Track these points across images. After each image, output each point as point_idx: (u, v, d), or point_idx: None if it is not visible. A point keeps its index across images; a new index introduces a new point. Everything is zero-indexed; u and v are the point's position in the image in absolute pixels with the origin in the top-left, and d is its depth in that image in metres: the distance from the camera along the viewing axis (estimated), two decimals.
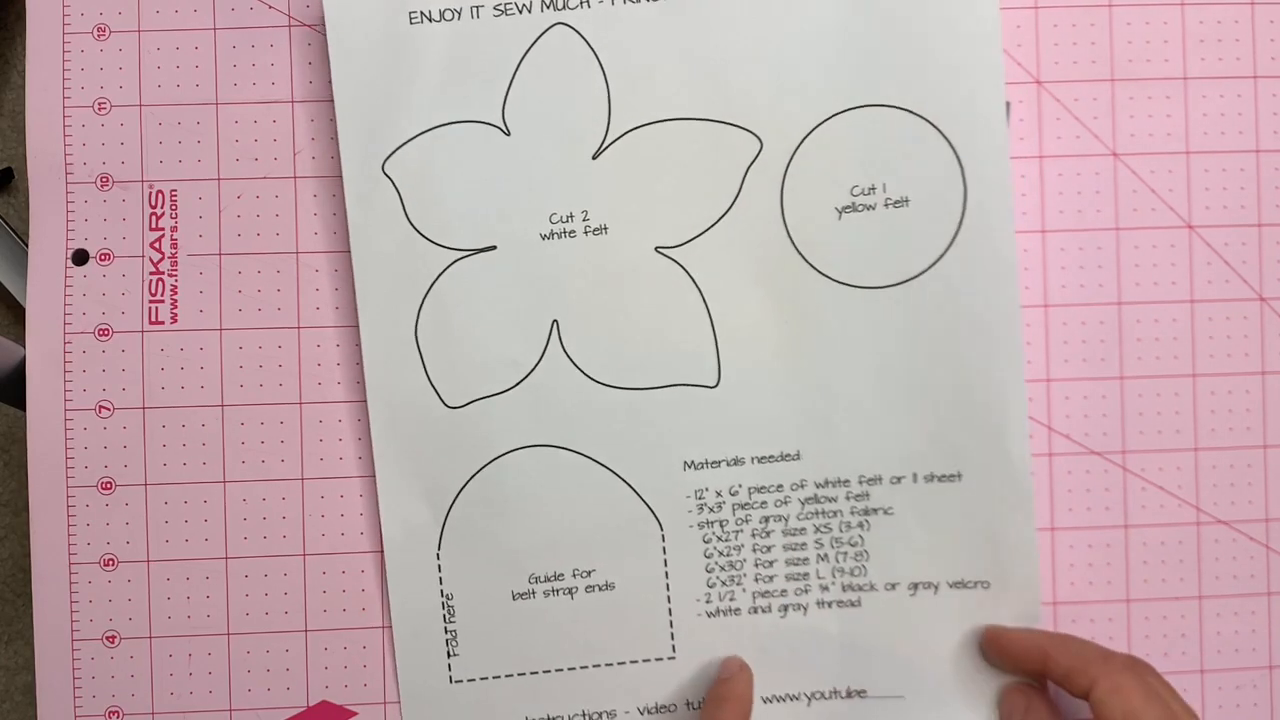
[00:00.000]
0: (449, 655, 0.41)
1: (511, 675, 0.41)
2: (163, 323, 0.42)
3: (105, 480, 0.42)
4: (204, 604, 0.42)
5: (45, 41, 0.43)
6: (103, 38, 0.43)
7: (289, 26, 0.43)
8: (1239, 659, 0.43)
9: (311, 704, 0.42)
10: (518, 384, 0.41)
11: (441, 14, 0.40)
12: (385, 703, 0.42)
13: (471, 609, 0.41)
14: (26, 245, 0.44)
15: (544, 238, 0.40)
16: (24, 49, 0.43)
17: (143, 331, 0.42)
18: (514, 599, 0.41)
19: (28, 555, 0.42)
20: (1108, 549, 0.42)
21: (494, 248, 0.40)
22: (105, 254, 0.42)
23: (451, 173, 0.41)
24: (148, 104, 0.43)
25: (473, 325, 0.41)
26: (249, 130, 0.43)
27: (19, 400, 0.43)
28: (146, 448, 0.42)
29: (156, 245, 0.43)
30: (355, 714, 0.42)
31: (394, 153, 0.41)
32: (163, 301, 0.42)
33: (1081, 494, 0.42)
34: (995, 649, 0.40)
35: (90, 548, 0.42)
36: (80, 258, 0.42)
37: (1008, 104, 0.43)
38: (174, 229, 0.43)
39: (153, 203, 0.43)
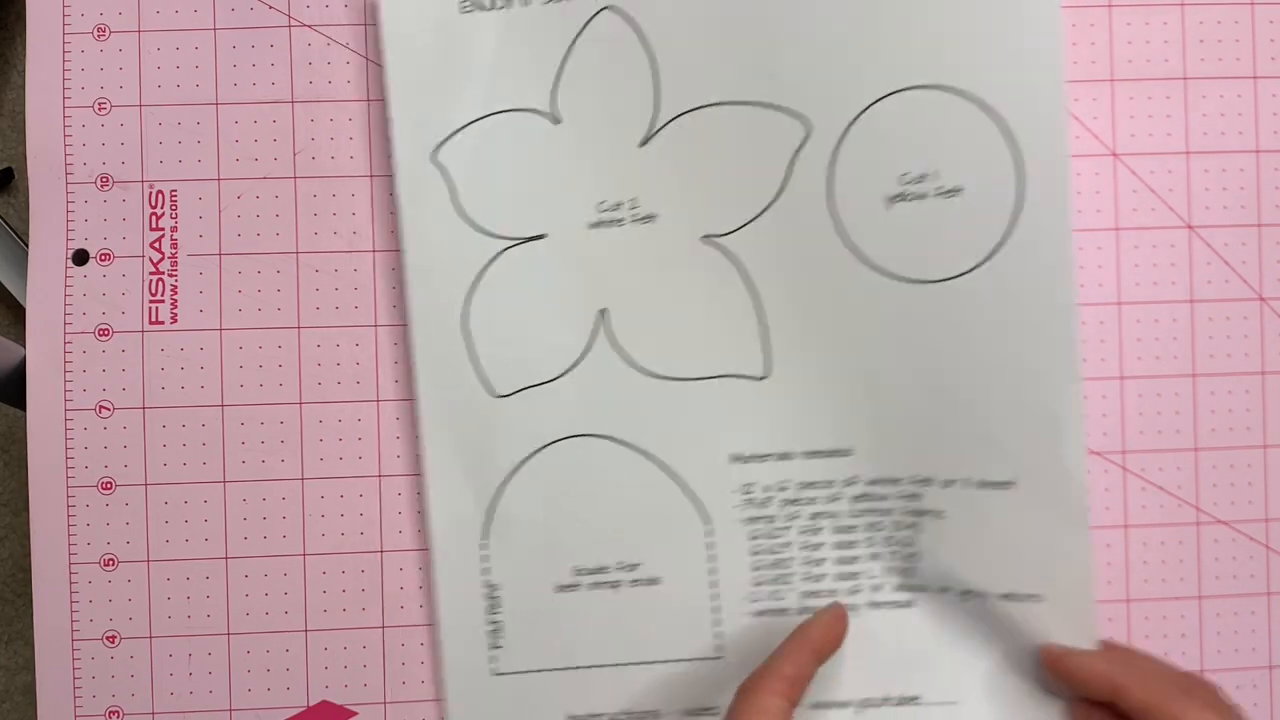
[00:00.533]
0: (492, 648, 0.41)
1: (555, 670, 0.41)
2: (163, 323, 0.42)
3: (105, 480, 0.42)
4: (204, 604, 0.42)
5: (45, 41, 0.43)
6: (103, 38, 0.43)
7: (289, 26, 0.43)
8: (1239, 659, 0.43)
9: (311, 704, 0.42)
10: (565, 373, 0.40)
11: (493, 2, 0.40)
12: (385, 703, 0.42)
13: (515, 601, 0.41)
14: (26, 245, 0.44)
15: (592, 226, 0.40)
16: (24, 49, 0.43)
17: (143, 331, 0.42)
18: (558, 591, 0.41)
19: (28, 555, 0.42)
20: (1108, 549, 0.42)
21: (543, 236, 0.40)
22: (105, 254, 0.42)
23: (501, 162, 0.40)
24: (148, 104, 0.43)
25: (521, 314, 0.41)
26: (249, 130, 0.43)
27: (19, 400, 0.43)
28: (146, 448, 0.42)
29: (156, 245, 0.43)
30: (355, 714, 0.42)
31: (445, 142, 0.40)
32: (163, 301, 0.42)
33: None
34: (1057, 672, 0.38)
35: (90, 548, 0.42)
36: (80, 258, 0.42)
37: None
38: (174, 229, 0.43)
39: (153, 203, 0.43)
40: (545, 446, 0.41)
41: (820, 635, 0.37)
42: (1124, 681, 0.35)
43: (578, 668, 0.41)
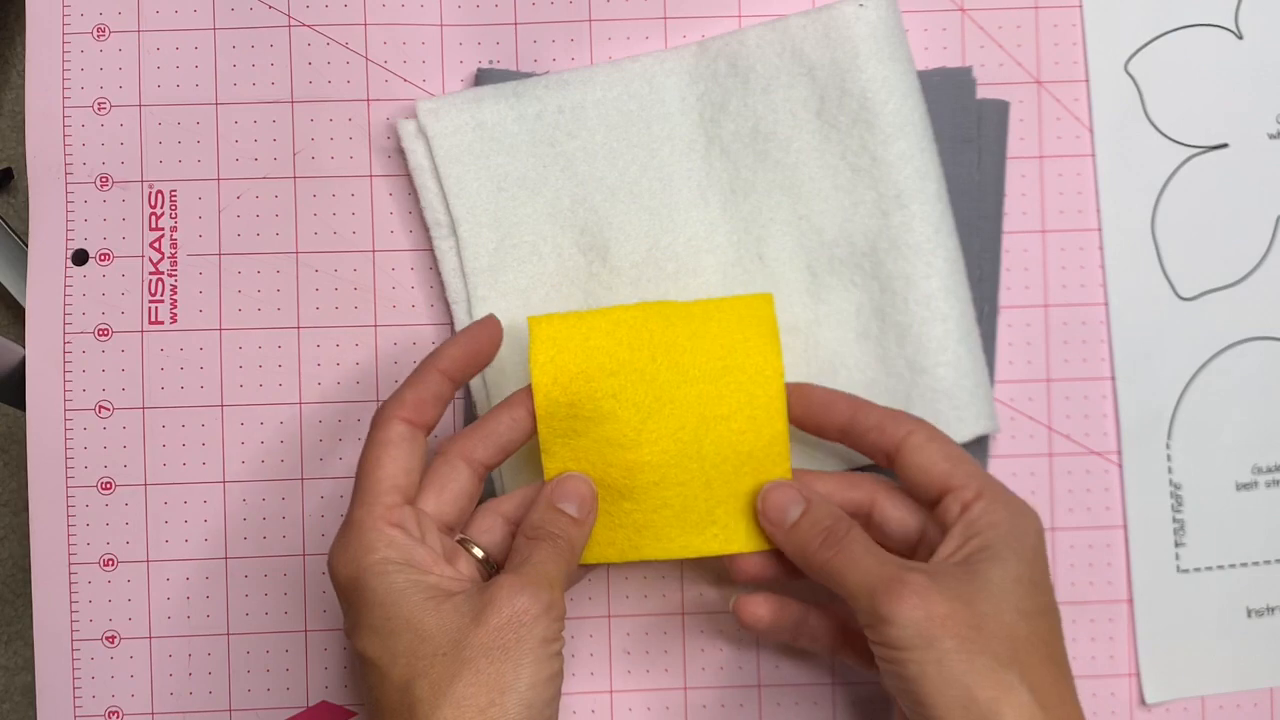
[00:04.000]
0: (1177, 545, 0.42)
1: (1234, 565, 0.42)
2: (162, 323, 0.42)
3: (105, 480, 0.42)
4: (204, 604, 0.42)
5: (45, 41, 0.43)
6: (103, 38, 0.43)
7: (289, 26, 0.43)
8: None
9: (311, 704, 0.42)
10: (1246, 277, 0.42)
11: None
12: None
13: (1198, 499, 0.42)
14: (26, 245, 0.44)
15: (1272, 137, 0.42)
16: (24, 49, 0.43)
17: (142, 331, 0.42)
18: (1238, 489, 0.42)
19: (28, 555, 0.42)
20: (1108, 549, 0.42)
21: (1225, 146, 0.42)
22: (105, 254, 0.42)
23: (1186, 74, 0.42)
24: (148, 104, 0.43)
25: (1204, 219, 0.42)
26: (249, 130, 0.43)
27: (19, 400, 0.43)
28: (146, 448, 0.42)
29: (156, 245, 0.43)
30: (355, 714, 0.42)
31: (1136, 53, 0.42)
32: (162, 301, 0.42)
33: (1082, 494, 0.42)
34: (800, 407, 0.38)
35: (90, 548, 0.42)
36: (80, 258, 0.42)
37: (1007, 104, 0.43)
38: (174, 229, 0.43)
39: (152, 203, 0.43)
40: (1227, 348, 0.42)
41: (452, 354, 0.36)
42: (857, 406, 0.37)
43: (1255, 563, 0.42)
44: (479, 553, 0.36)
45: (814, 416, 0.37)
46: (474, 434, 0.37)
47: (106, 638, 0.42)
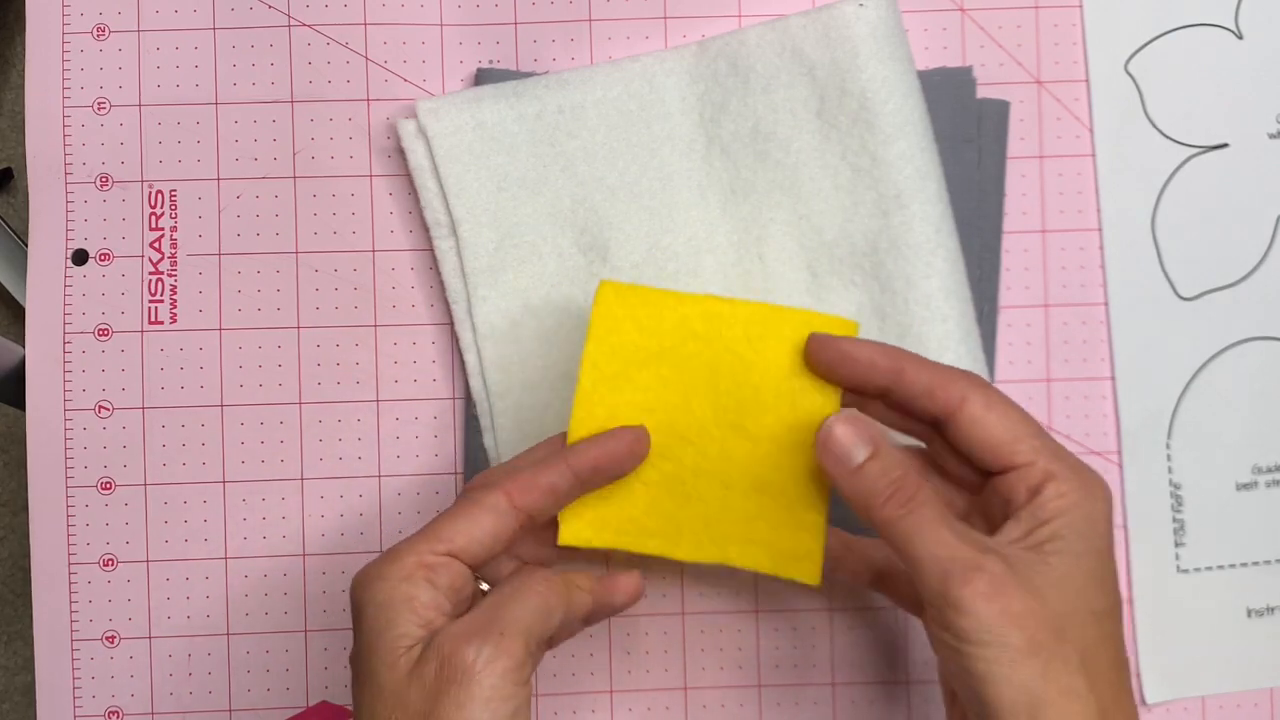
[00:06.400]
0: (1177, 545, 0.42)
1: (1234, 565, 0.42)
2: (162, 323, 0.42)
3: (105, 480, 0.42)
4: (204, 604, 0.42)
5: (45, 41, 0.43)
6: (102, 38, 0.43)
7: (289, 26, 0.43)
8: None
9: (311, 704, 0.42)
10: (1246, 277, 0.42)
11: None
12: None
13: (1197, 499, 0.42)
14: (26, 245, 0.44)
15: (1272, 137, 0.42)
16: (24, 49, 0.43)
17: (142, 331, 0.42)
18: (1238, 489, 0.42)
19: (28, 555, 0.42)
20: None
21: (1225, 145, 0.42)
22: (105, 254, 0.42)
23: (1186, 74, 0.42)
24: (147, 104, 0.43)
25: (1204, 219, 0.42)
26: (249, 130, 0.43)
27: (19, 400, 0.43)
28: (146, 448, 0.42)
29: (156, 245, 0.43)
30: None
31: (1136, 53, 0.42)
32: (162, 301, 0.42)
33: None
34: (828, 359, 0.34)
35: (90, 548, 0.42)
36: (80, 258, 0.42)
37: (1007, 104, 0.43)
38: (174, 229, 0.43)
39: (152, 203, 0.43)
40: (1227, 348, 0.42)
41: (589, 454, 0.34)
42: (904, 363, 0.33)
43: (1256, 563, 0.42)
44: (485, 586, 0.35)
45: (850, 373, 0.33)
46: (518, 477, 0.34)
47: (106, 638, 0.42)
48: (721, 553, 0.35)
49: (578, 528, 0.36)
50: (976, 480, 0.34)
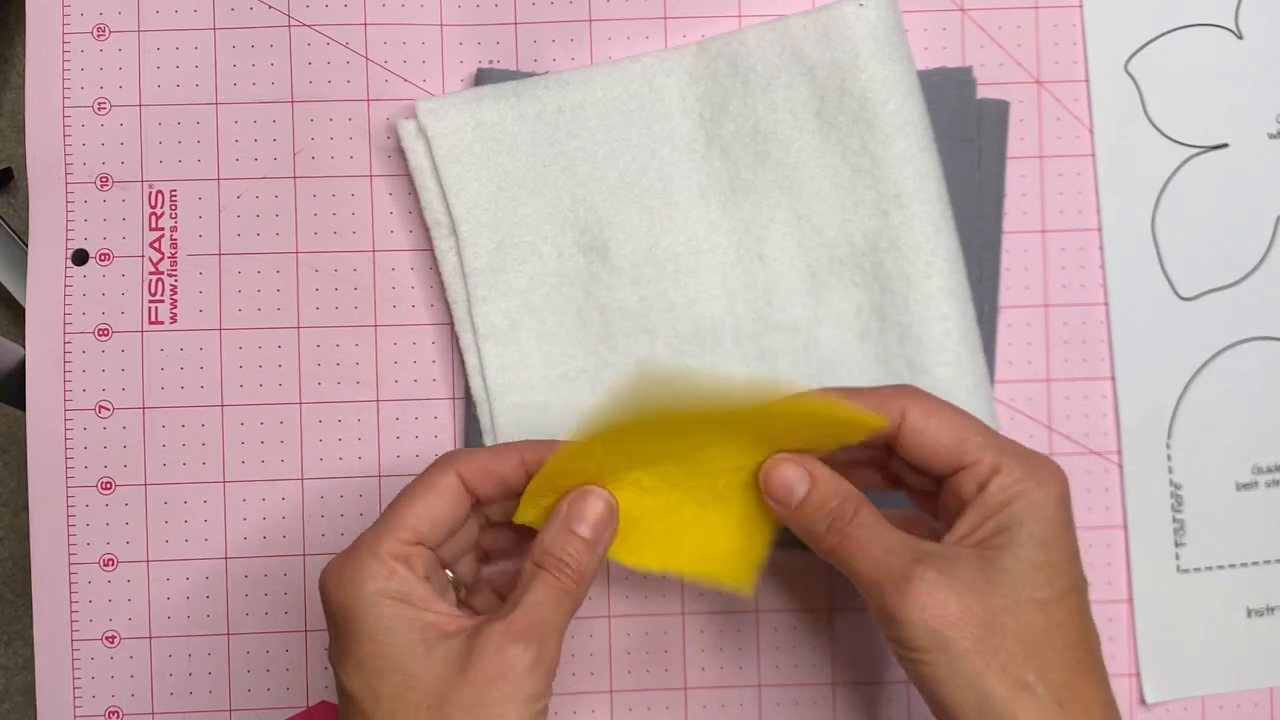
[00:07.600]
0: (1177, 545, 0.42)
1: (1234, 565, 0.42)
2: (162, 323, 0.42)
3: (105, 480, 0.42)
4: (204, 604, 0.42)
5: (45, 41, 0.43)
6: (102, 38, 0.43)
7: (289, 26, 0.43)
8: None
9: (311, 704, 0.42)
10: (1246, 277, 0.42)
11: None
12: None
13: (1197, 498, 0.42)
14: (26, 245, 0.44)
15: (1272, 137, 0.42)
16: (24, 49, 0.43)
17: (142, 331, 0.42)
18: (1238, 489, 0.42)
19: (28, 555, 0.42)
20: (1108, 549, 0.42)
21: (1225, 145, 0.42)
22: (105, 254, 0.42)
23: (1186, 73, 0.42)
24: (148, 104, 0.43)
25: (1204, 219, 0.42)
26: (249, 130, 0.43)
27: (19, 400, 0.43)
28: (146, 448, 0.42)
29: (156, 245, 0.43)
30: None
31: (1136, 54, 0.42)
32: (162, 301, 0.42)
33: (1081, 494, 0.42)
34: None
35: (90, 548, 0.42)
36: (80, 258, 0.42)
37: (1007, 104, 0.43)
38: (174, 229, 0.43)
39: (152, 203, 0.43)
40: (1227, 348, 0.42)
41: (541, 451, 0.34)
42: (837, 395, 0.33)
43: (1257, 563, 0.42)
44: (449, 574, 0.35)
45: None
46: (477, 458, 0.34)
47: (106, 638, 0.42)
48: (672, 564, 0.36)
49: (535, 515, 0.35)
50: (935, 489, 0.34)
